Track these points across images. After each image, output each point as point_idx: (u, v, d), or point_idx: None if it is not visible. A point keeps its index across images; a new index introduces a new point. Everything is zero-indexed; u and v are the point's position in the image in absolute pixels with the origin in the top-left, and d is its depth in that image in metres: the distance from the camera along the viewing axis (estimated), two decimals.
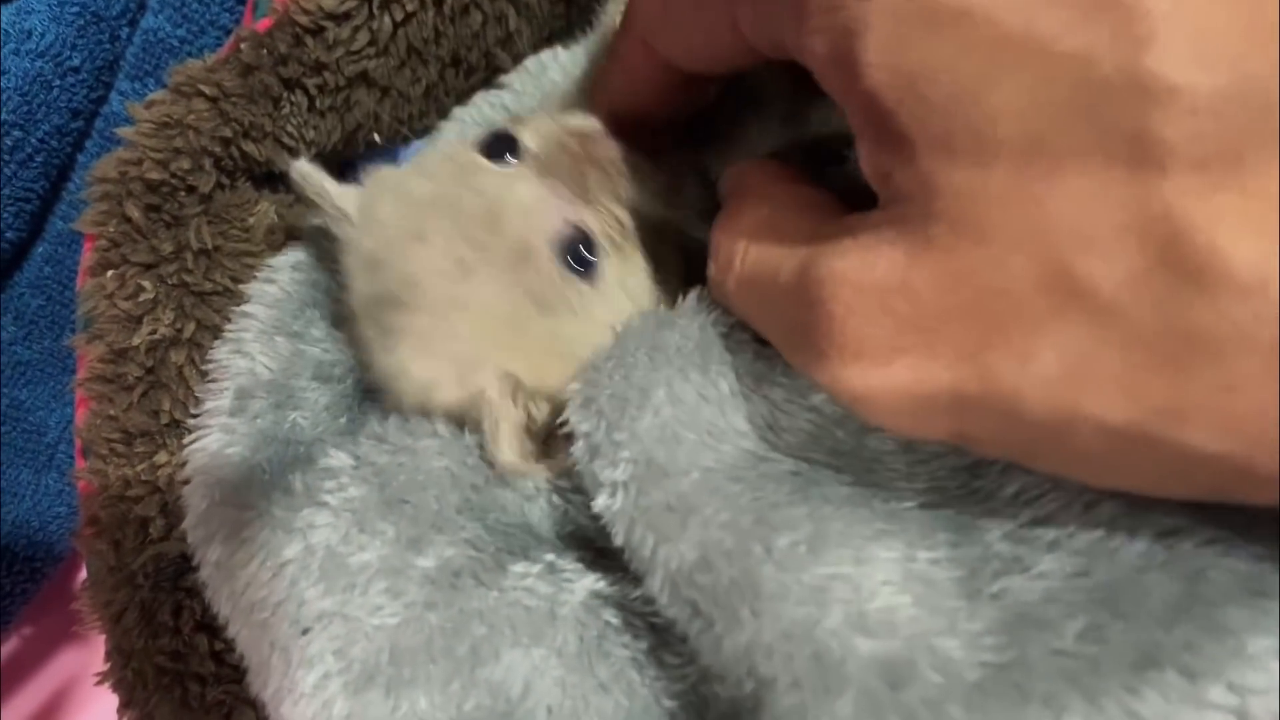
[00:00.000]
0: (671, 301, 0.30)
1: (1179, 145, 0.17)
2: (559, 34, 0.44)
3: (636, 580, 0.28)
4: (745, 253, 0.25)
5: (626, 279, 0.31)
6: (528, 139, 0.32)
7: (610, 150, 0.31)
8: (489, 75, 0.44)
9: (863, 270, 0.21)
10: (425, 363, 0.31)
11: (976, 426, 0.20)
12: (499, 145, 0.32)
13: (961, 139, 0.19)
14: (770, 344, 0.26)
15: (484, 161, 0.32)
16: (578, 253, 0.31)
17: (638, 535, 0.26)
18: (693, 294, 0.29)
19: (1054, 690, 0.20)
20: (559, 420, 0.28)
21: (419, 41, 0.41)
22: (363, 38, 0.39)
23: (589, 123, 0.32)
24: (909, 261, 0.20)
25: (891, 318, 0.20)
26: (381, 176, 0.35)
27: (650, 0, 0.28)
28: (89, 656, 0.50)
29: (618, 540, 0.26)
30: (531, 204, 0.31)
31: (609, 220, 0.31)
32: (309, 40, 0.39)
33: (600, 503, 0.27)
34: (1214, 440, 0.17)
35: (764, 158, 0.29)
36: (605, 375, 0.28)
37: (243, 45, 0.39)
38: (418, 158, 0.37)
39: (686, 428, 0.26)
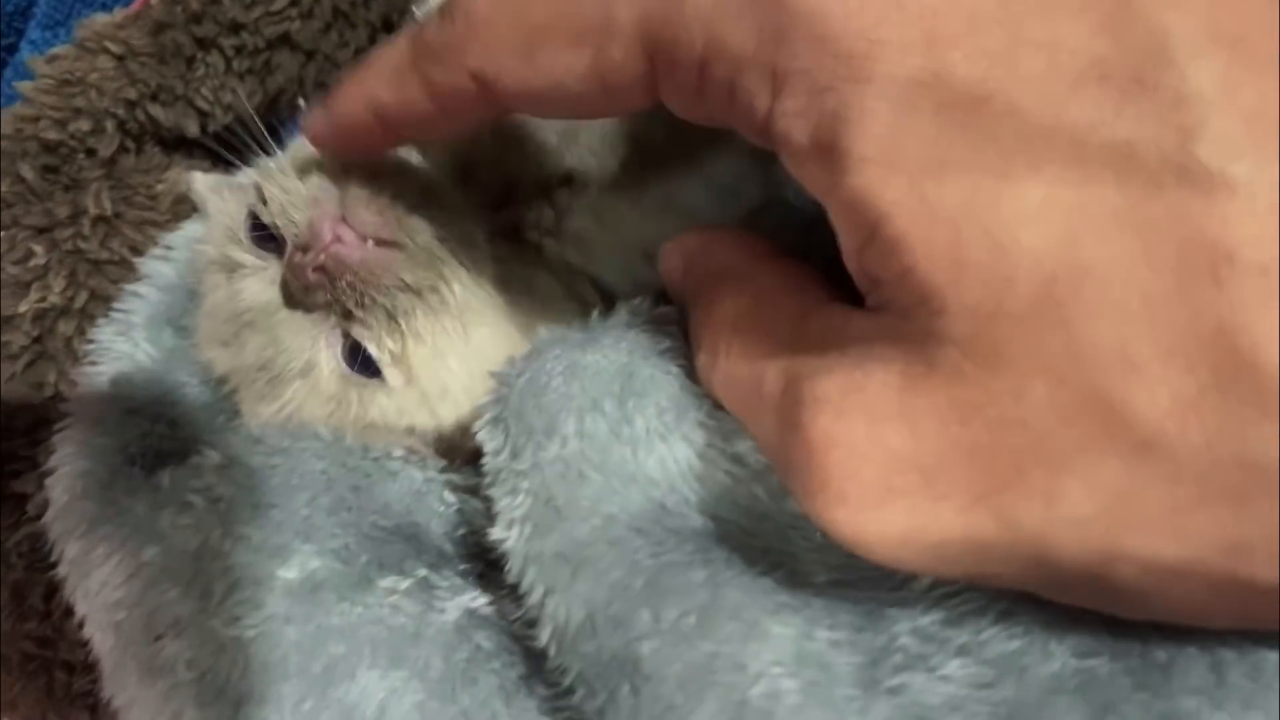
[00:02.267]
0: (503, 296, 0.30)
1: (1237, 249, 0.15)
2: None
3: (519, 601, 0.27)
4: (729, 349, 0.23)
5: (419, 378, 0.30)
6: (277, 227, 0.30)
7: (347, 261, 0.28)
8: None
9: (848, 395, 0.18)
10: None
11: (998, 569, 0.18)
12: (260, 225, 0.31)
13: (975, 251, 0.17)
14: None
15: (250, 267, 0.31)
16: (366, 359, 0.30)
17: (529, 579, 0.24)
18: (621, 309, 0.27)
19: None
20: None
21: (345, 4, 0.39)
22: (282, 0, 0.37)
23: (315, 213, 0.29)
24: (905, 386, 0.18)
25: (884, 453, 0.18)
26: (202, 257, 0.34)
27: (500, 51, 0.22)
28: None
29: (510, 578, 0.25)
30: (305, 336, 0.30)
31: (376, 329, 0.30)
32: None
33: (496, 534, 0.25)
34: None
35: (727, 228, 0.27)
36: (515, 393, 0.26)
37: (154, 1, 0.37)
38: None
39: (593, 468, 0.24)
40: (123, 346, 0.33)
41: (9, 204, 0.35)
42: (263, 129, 0.35)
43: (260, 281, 0.31)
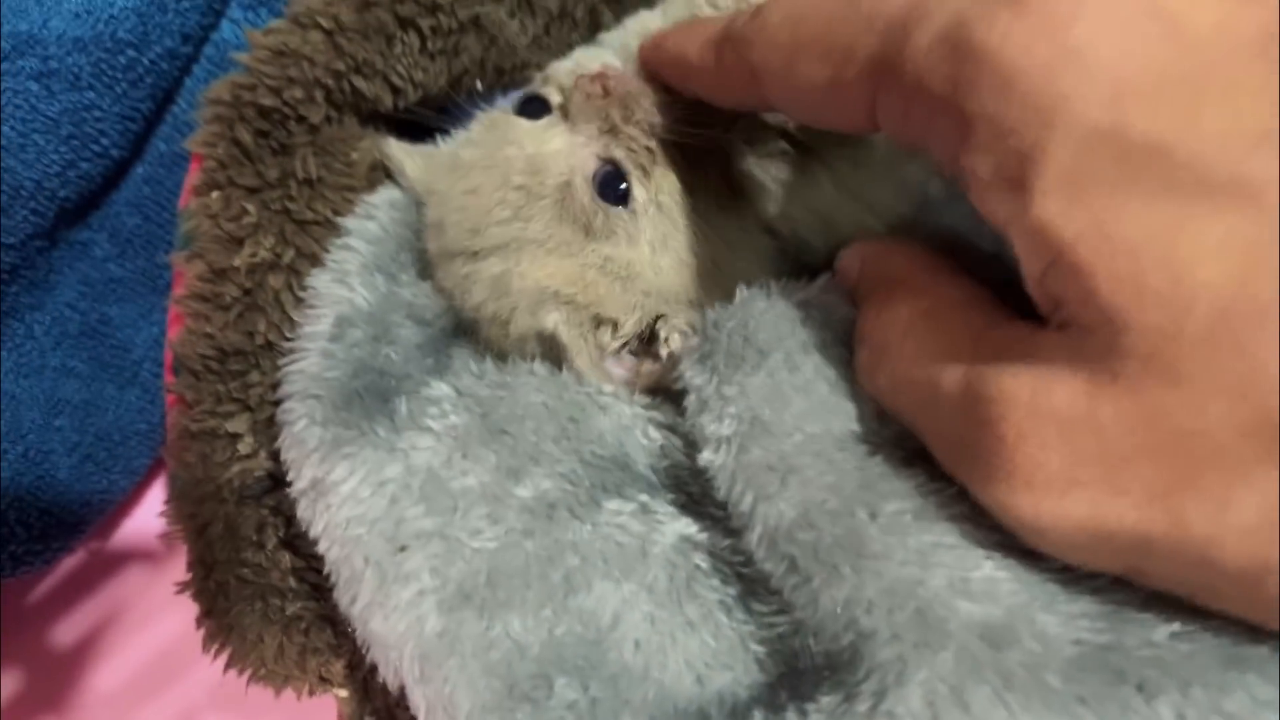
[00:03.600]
0: (706, 221, 0.33)
1: None
2: None
3: (728, 531, 0.28)
4: (901, 350, 0.25)
5: (659, 197, 0.33)
6: (552, 94, 0.35)
7: (627, 84, 0.33)
8: (591, 31, 0.45)
9: (1038, 395, 0.20)
10: (499, 302, 0.34)
11: (1159, 567, 0.20)
12: (532, 105, 0.36)
13: (1155, 280, 0.18)
14: None
15: (520, 120, 0.35)
16: (612, 183, 0.33)
17: (738, 491, 0.26)
18: (822, 277, 0.29)
19: (1148, 676, 0.20)
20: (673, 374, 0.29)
21: None
22: None
23: (604, 64, 0.34)
24: (1092, 392, 0.19)
25: (1071, 448, 0.19)
26: (434, 154, 0.39)
27: (774, 54, 0.26)
28: (153, 574, 0.51)
29: (720, 494, 0.27)
30: (564, 148, 0.34)
31: (635, 148, 0.33)
32: None
33: (704, 457, 0.27)
34: None
35: (905, 240, 0.29)
36: (724, 334, 0.28)
37: None
38: (465, 130, 0.39)
39: (798, 392, 0.26)
40: (340, 292, 0.35)
41: (224, 165, 0.38)
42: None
43: (537, 127, 0.35)
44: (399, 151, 0.39)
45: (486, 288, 0.34)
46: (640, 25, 0.44)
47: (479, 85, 0.43)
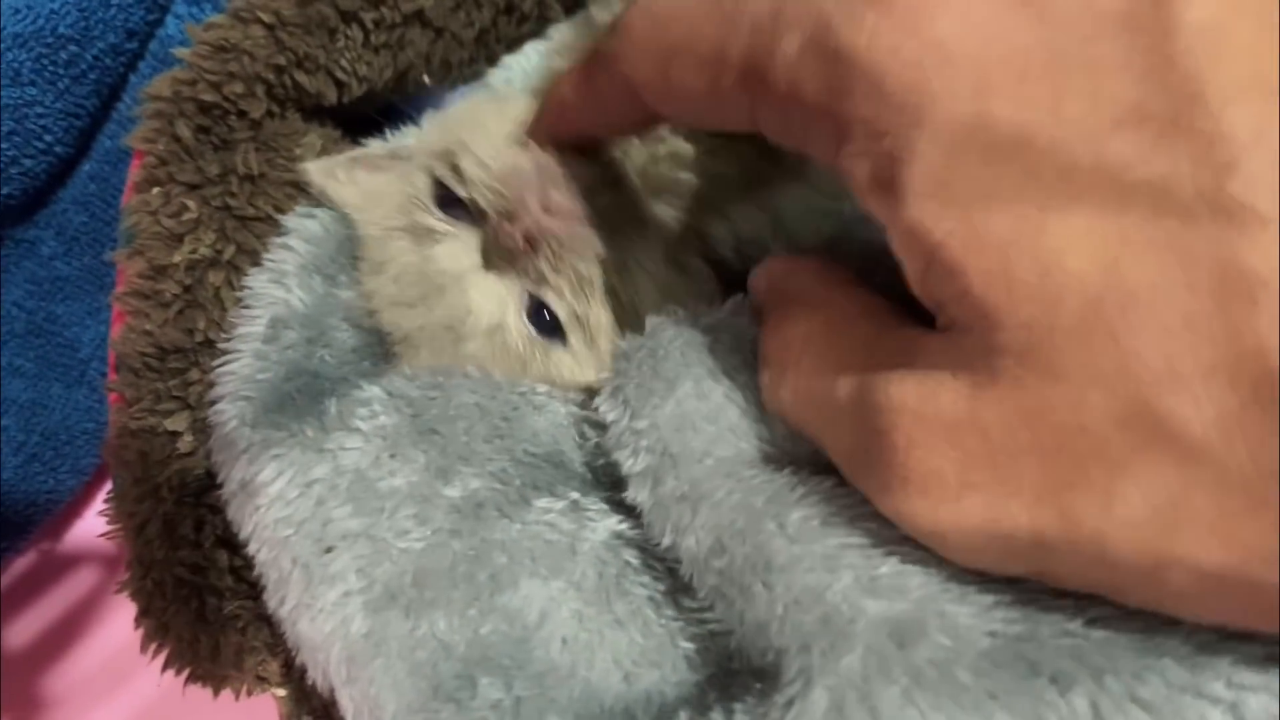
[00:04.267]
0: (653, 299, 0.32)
1: (1271, 276, 0.16)
2: None
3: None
4: (799, 364, 0.24)
5: (596, 333, 0.33)
6: (459, 189, 0.33)
7: (552, 227, 0.31)
8: (540, 25, 0.44)
9: (924, 400, 0.20)
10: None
11: (1059, 566, 0.19)
12: (448, 199, 0.34)
13: (1024, 273, 0.18)
14: None
15: (443, 234, 0.34)
16: (544, 321, 0.33)
17: (659, 527, 0.26)
18: (732, 300, 0.29)
19: (1062, 668, 0.20)
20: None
21: None
22: None
23: (519, 179, 0.32)
24: (974, 394, 0.19)
25: (960, 451, 0.19)
26: (368, 220, 0.37)
27: (646, 63, 0.26)
28: (106, 575, 0.50)
29: (648, 529, 0.27)
30: (495, 298, 0.33)
31: (566, 292, 0.32)
32: None
33: (629, 495, 0.27)
34: None
35: (810, 257, 0.28)
36: (634, 365, 0.28)
37: None
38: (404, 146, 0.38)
39: (707, 420, 0.26)
40: (277, 292, 0.34)
41: (164, 161, 0.37)
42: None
43: (455, 247, 0.33)
44: (319, 175, 0.38)
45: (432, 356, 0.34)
46: (588, 18, 0.44)
47: (426, 79, 0.43)
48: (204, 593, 0.34)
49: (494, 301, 0.33)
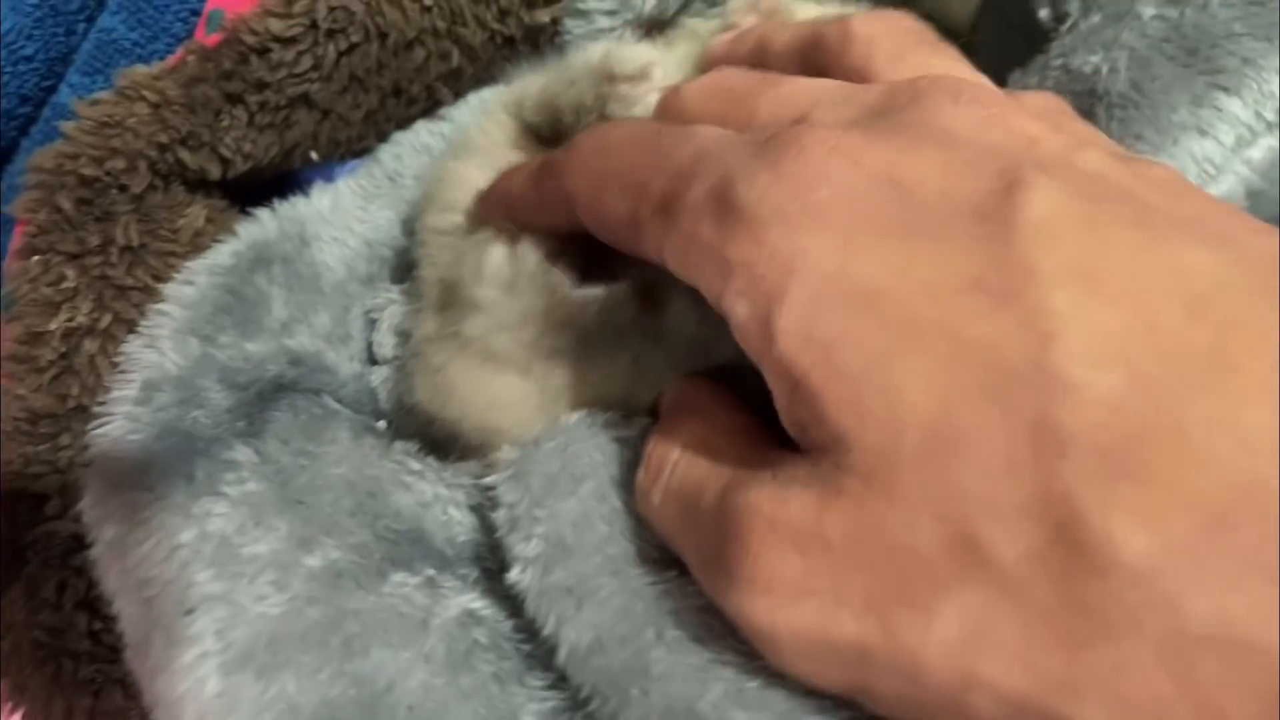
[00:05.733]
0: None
1: (1079, 433, 0.18)
2: (503, 74, 0.46)
3: (514, 609, 0.30)
4: (675, 468, 0.27)
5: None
6: None
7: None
8: (430, 106, 0.46)
9: (777, 506, 0.22)
10: None
11: (877, 682, 0.21)
12: None
13: (871, 405, 0.21)
14: None
15: None
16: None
17: (542, 612, 0.28)
18: (645, 422, 0.31)
19: None
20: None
21: (361, 71, 0.43)
22: (306, 62, 0.41)
23: None
24: (821, 506, 0.21)
25: (803, 558, 0.21)
26: None
27: (584, 181, 0.29)
28: None
29: (528, 614, 0.29)
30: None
31: None
32: (254, 59, 0.41)
33: (512, 576, 0.29)
34: (1108, 714, 0.18)
35: (707, 377, 0.31)
36: (544, 454, 0.30)
37: (190, 57, 0.40)
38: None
39: (604, 520, 0.28)
40: (151, 356, 0.35)
41: (45, 231, 0.38)
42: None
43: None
44: None
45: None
46: (480, 102, 0.46)
47: (314, 155, 0.45)
48: (61, 656, 0.35)
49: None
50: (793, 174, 0.23)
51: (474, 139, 0.40)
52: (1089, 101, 0.32)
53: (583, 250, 0.32)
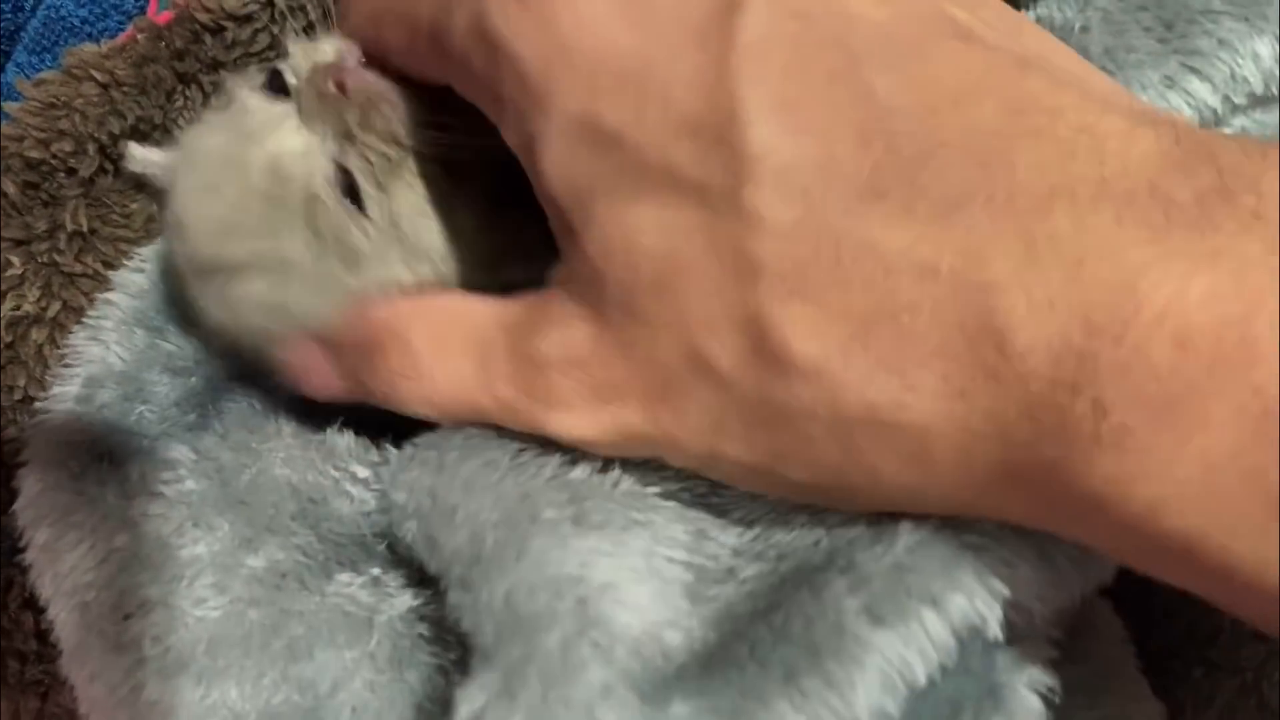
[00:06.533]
0: (466, 243, 0.31)
1: (767, 261, 0.21)
2: None
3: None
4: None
5: (399, 216, 0.31)
6: (289, 75, 0.33)
7: (367, 84, 0.31)
8: None
9: (563, 345, 0.25)
10: (277, 325, 0.32)
11: (668, 455, 0.25)
12: (276, 80, 0.33)
13: (616, 245, 0.23)
14: None
15: (257, 104, 0.33)
16: (352, 192, 0.31)
17: (421, 543, 0.27)
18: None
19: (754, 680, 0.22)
20: None
21: None
22: (263, 40, 0.40)
23: (339, 53, 0.31)
24: (595, 335, 0.24)
25: (590, 378, 0.25)
26: (184, 139, 0.37)
27: (362, 23, 0.31)
28: None
29: (413, 552, 0.28)
30: (302, 149, 0.31)
31: (372, 158, 0.31)
32: (207, 38, 0.39)
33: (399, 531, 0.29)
34: (805, 475, 0.23)
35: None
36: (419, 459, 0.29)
37: (140, 36, 0.39)
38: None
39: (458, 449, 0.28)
40: (95, 350, 0.34)
41: None
42: None
43: (269, 108, 0.33)
44: (143, 158, 0.38)
45: (259, 311, 0.32)
46: None
47: None
48: (6, 656, 0.34)
49: (304, 158, 0.31)
50: (538, 4, 0.24)
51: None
52: None
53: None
